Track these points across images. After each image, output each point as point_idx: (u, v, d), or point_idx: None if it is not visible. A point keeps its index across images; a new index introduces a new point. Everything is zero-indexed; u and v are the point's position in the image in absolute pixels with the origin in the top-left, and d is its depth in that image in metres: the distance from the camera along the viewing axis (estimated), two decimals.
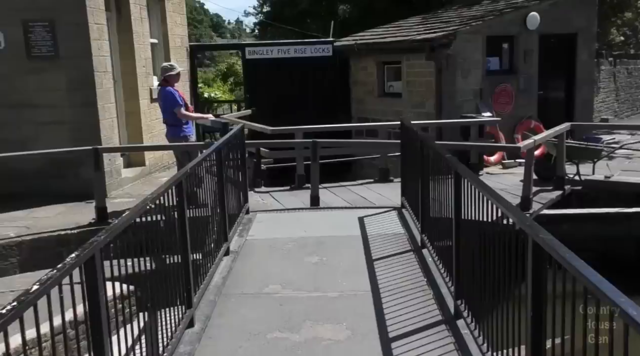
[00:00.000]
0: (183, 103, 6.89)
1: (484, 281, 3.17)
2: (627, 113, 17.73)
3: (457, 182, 3.70)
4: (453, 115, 10.37)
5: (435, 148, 4.40)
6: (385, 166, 8.83)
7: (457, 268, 3.77)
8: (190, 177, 3.99)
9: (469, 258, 3.57)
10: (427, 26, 12.18)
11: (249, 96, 13.15)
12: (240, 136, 6.22)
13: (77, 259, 2.37)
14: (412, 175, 5.80)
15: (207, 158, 4.56)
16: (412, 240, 5.46)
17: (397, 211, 6.56)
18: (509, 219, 2.81)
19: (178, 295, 3.64)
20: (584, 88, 12.25)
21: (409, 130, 5.88)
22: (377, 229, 5.87)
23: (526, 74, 11.28)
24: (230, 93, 24.45)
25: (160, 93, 7.03)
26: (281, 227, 6.19)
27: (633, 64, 18.11)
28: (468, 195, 3.51)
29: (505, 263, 2.83)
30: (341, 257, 5.08)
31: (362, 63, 12.88)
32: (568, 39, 11.84)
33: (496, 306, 3.00)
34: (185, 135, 6.97)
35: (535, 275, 2.48)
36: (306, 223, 6.25)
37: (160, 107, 7.14)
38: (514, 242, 2.69)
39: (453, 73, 10.57)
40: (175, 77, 6.98)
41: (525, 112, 11.28)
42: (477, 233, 3.39)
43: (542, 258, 2.41)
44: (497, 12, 11.40)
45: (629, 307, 1.64)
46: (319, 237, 5.68)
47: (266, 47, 13.22)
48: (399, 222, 6.13)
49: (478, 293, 3.33)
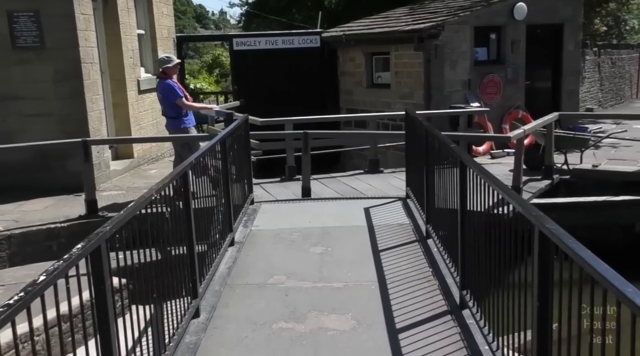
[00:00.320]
0: (183, 95, 6.79)
1: (489, 271, 3.19)
2: (611, 103, 18.09)
3: (462, 171, 3.70)
4: (442, 105, 10.45)
5: (441, 138, 4.40)
6: (375, 157, 8.85)
7: (462, 258, 3.78)
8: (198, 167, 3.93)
9: (474, 248, 3.58)
10: (415, 17, 12.19)
11: (236, 87, 13.03)
12: (245, 126, 6.16)
13: (83, 250, 2.33)
14: (416, 165, 5.80)
15: (212, 149, 4.51)
16: (417, 230, 5.47)
17: (402, 201, 6.55)
18: (514, 209, 2.82)
19: (184, 285, 3.60)
20: (570, 78, 12.43)
21: (414, 120, 5.87)
22: (382, 219, 5.87)
23: (514, 64, 11.39)
24: (216, 85, 24.21)
25: (158, 86, 6.90)
26: (286, 218, 6.16)
27: (617, 54, 18.43)
28: (473, 185, 3.52)
29: (511, 253, 2.85)
30: (346, 248, 5.08)
31: (350, 54, 12.86)
32: (554, 30, 11.98)
33: (501, 295, 3.02)
34: (186, 126, 6.86)
35: (542, 265, 2.49)
36: (311, 214, 6.23)
37: (160, 100, 6.99)
38: (520, 231, 2.70)
39: (441, 63, 10.62)
40: (173, 68, 6.86)
41: (513, 102, 11.42)
42: (482, 223, 3.40)
43: (548, 248, 2.42)
44: (484, 3, 11.43)
45: (636, 297, 1.65)
46: (324, 228, 5.66)
47: (254, 38, 13.10)
48: (404, 212, 6.13)
49: (483, 283, 3.35)
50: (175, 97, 6.70)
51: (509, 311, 2.90)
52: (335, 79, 13.27)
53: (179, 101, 6.71)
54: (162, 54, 6.99)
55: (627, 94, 19.70)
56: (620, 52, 18.88)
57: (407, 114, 6.42)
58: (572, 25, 12.18)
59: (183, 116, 6.82)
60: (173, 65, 6.83)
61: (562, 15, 11.92)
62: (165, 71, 6.79)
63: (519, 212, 2.74)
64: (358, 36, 12.39)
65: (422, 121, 5.35)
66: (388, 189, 7.52)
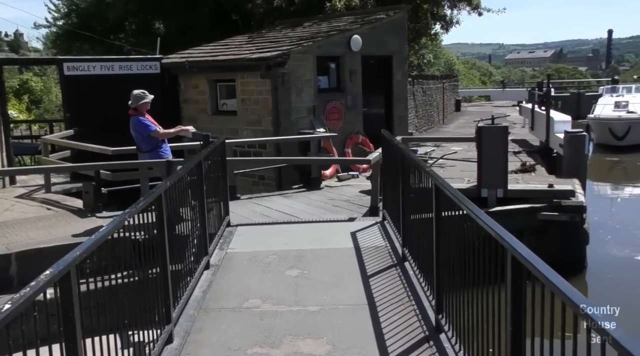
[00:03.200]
0: (155, 127, 6.70)
1: (464, 294, 3.19)
2: (425, 128, 20.03)
3: (437, 195, 3.71)
4: (290, 131, 10.81)
5: (416, 162, 4.42)
6: (233, 183, 8.62)
7: (437, 282, 3.78)
8: (171, 194, 3.91)
9: (449, 271, 3.58)
10: (257, 45, 12.46)
11: (69, 115, 11.92)
12: (221, 149, 6.14)
13: (52, 276, 2.29)
14: (392, 188, 5.81)
15: (188, 173, 4.50)
16: (394, 252, 5.47)
17: (379, 224, 6.59)
18: (489, 234, 2.83)
19: (157, 310, 3.56)
20: (399, 105, 13.66)
21: (390, 143, 5.90)
22: (359, 242, 5.87)
23: (353, 92, 12.24)
24: (28, 113, 22.75)
25: (130, 124, 6.74)
26: (262, 240, 6.15)
27: (426, 83, 20.82)
28: (447, 208, 3.53)
29: (485, 278, 2.86)
30: (322, 270, 5.06)
31: (194, 81, 12.72)
32: (385, 61, 13.12)
33: (476, 318, 3.02)
34: (166, 158, 6.82)
35: (515, 290, 2.50)
36: (287, 236, 6.23)
37: (134, 138, 6.84)
38: (494, 256, 2.72)
39: (288, 91, 11.04)
40: (144, 105, 6.71)
41: (353, 127, 12.27)
42: (456, 247, 3.41)
43: (521, 273, 2.44)
44: (324, 34, 12.14)
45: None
46: (300, 250, 5.65)
47: (88, 63, 12.16)
48: (381, 235, 6.15)
49: (459, 307, 3.34)
50: (148, 131, 6.63)
51: (484, 335, 2.90)
52: (178, 106, 12.91)
53: (155, 133, 6.65)
54: (138, 90, 6.83)
55: (436, 120, 22.17)
56: (429, 82, 21.48)
57: (384, 137, 6.45)
58: (399, 57, 13.42)
59: (159, 148, 6.75)
60: (145, 102, 6.68)
61: (390, 48, 13.06)
62: (138, 108, 6.69)
63: (492, 237, 2.75)
64: (202, 63, 12.22)
65: (398, 144, 5.37)
66: (251, 215, 7.48)
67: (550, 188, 8.15)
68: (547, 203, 7.89)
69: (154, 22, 19.85)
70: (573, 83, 45.15)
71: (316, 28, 13.44)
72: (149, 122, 6.71)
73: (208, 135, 6.73)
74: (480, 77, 65.24)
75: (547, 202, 7.92)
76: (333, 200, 8.53)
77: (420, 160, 4.48)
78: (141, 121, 6.68)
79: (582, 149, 9.84)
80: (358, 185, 9.68)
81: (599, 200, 12.60)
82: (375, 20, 12.87)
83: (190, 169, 4.57)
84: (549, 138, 12.35)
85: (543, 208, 7.83)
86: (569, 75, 67.92)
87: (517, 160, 10.76)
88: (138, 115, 6.70)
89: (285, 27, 14.71)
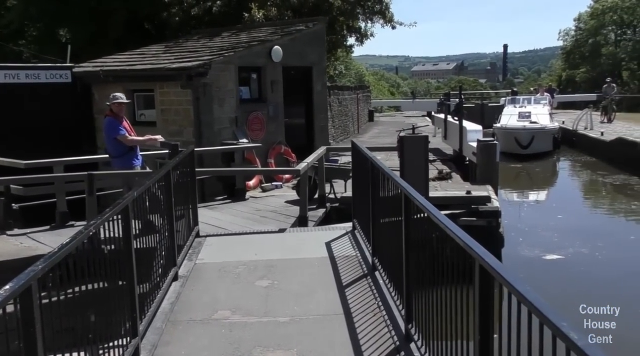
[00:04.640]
0: (125, 131, 6.58)
1: (434, 304, 3.21)
2: (341, 138, 20.42)
3: (407, 205, 3.74)
4: (212, 142, 10.72)
5: (386, 171, 4.44)
6: None
7: (407, 291, 3.79)
8: (139, 203, 3.83)
9: (418, 281, 3.60)
10: (175, 55, 12.25)
11: None
12: (190, 158, 6.06)
13: (12, 291, 2.21)
14: (362, 197, 5.83)
15: (156, 182, 4.42)
16: (364, 262, 5.47)
17: (350, 233, 6.59)
18: (457, 243, 2.85)
19: (123, 323, 3.47)
20: (320, 115, 13.90)
21: (359, 152, 5.93)
22: (330, 252, 5.86)
23: (274, 103, 12.33)
24: None
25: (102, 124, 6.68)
26: (231, 250, 6.08)
27: (341, 94, 21.38)
28: (417, 218, 3.55)
29: (454, 286, 2.88)
30: (292, 281, 5.03)
31: (108, 91, 12.01)
32: (305, 72, 13.34)
33: (445, 327, 3.04)
34: (133, 165, 6.67)
35: (482, 299, 2.53)
36: (257, 247, 6.18)
37: (105, 141, 6.76)
38: (462, 265, 2.75)
39: (210, 101, 10.96)
40: (117, 106, 6.63)
41: (275, 138, 12.35)
42: (426, 256, 3.43)
43: (488, 282, 2.47)
44: (245, 44, 12.10)
45: (570, 331, 1.72)
46: (270, 260, 5.61)
47: None
48: (351, 244, 6.15)
49: (428, 316, 3.36)
50: (115, 133, 6.49)
51: (453, 343, 2.92)
52: (91, 117, 12.30)
53: (121, 137, 6.50)
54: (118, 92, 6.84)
55: (351, 130, 22.60)
56: (344, 92, 22.03)
57: (354, 146, 6.48)
58: (318, 68, 13.63)
59: (128, 155, 6.60)
60: (116, 102, 6.60)
61: (310, 59, 13.30)
62: (113, 109, 6.57)
63: (460, 247, 2.78)
64: (118, 72, 11.81)
65: (367, 154, 5.39)
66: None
67: (468, 194, 8.58)
68: (466, 209, 8.28)
69: (59, 30, 19.08)
70: (474, 94, 46.25)
71: (235, 38, 13.37)
72: (120, 126, 6.59)
73: (177, 145, 6.64)
74: (389, 88, 67.81)
75: (465, 207, 8.32)
76: (260, 210, 8.56)
77: (389, 170, 4.49)
78: (111, 122, 6.56)
79: (494, 157, 10.28)
80: (282, 195, 9.79)
81: (509, 205, 13.02)
82: (295, 32, 12.97)
83: (158, 179, 4.49)
84: (462, 146, 12.68)
85: (462, 214, 8.17)
86: (470, 86, 70.30)
87: (433, 168, 10.89)
88: (112, 117, 6.59)
89: (203, 36, 14.50)
